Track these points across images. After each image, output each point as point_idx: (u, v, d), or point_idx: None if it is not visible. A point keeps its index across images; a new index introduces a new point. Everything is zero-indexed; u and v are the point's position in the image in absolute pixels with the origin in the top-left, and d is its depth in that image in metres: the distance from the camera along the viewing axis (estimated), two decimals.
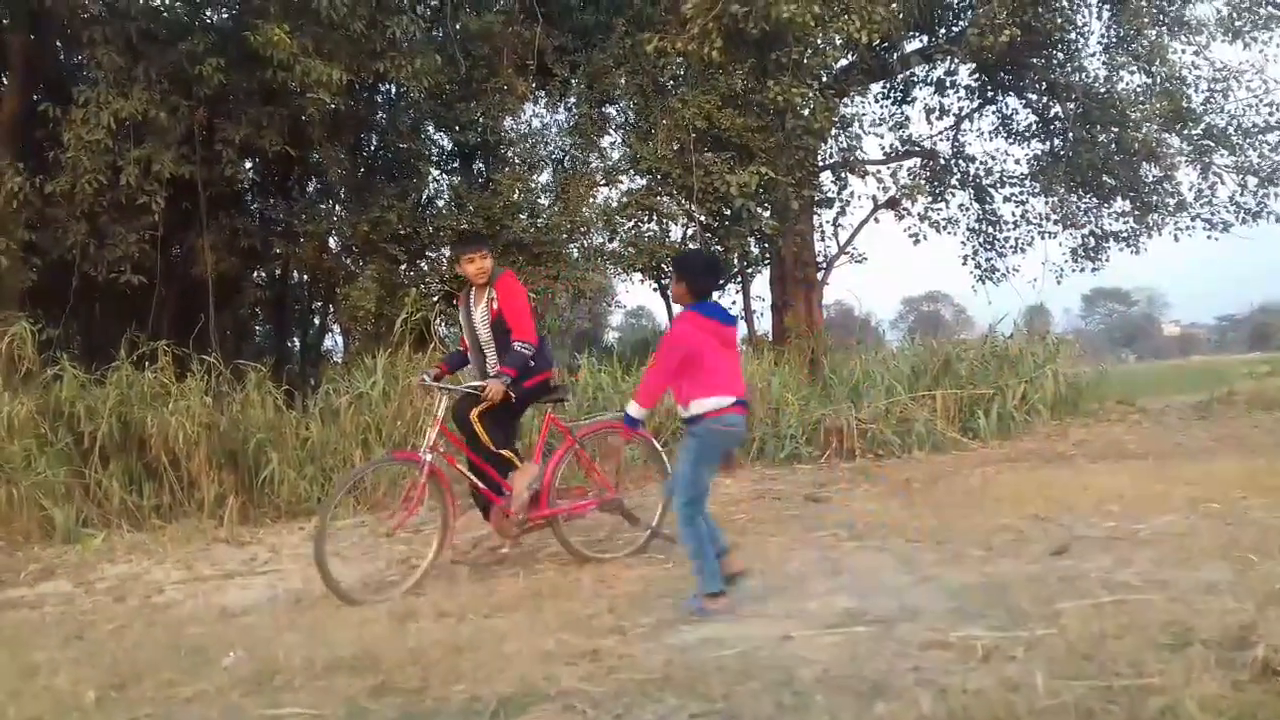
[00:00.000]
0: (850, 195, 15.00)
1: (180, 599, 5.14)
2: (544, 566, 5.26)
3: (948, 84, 15.55)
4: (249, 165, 11.78)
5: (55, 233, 9.78)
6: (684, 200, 12.22)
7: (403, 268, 12.01)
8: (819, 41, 11.19)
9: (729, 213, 11.98)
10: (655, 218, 12.97)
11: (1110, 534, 4.97)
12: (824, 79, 12.37)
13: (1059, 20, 12.79)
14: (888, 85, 15.79)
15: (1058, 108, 14.59)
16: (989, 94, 15.59)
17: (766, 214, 12.10)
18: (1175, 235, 14.71)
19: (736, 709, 2.85)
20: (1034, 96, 15.08)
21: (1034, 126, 15.46)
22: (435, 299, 12.26)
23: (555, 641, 3.63)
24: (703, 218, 12.35)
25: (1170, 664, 2.85)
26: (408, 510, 4.96)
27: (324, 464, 7.79)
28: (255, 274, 13.52)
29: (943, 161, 15.95)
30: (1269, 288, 76.70)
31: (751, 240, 12.99)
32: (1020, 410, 10.31)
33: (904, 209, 14.91)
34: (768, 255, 14.10)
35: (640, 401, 4.13)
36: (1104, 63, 14.05)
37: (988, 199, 16.06)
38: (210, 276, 10.62)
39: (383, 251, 11.21)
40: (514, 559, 5.47)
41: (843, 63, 13.20)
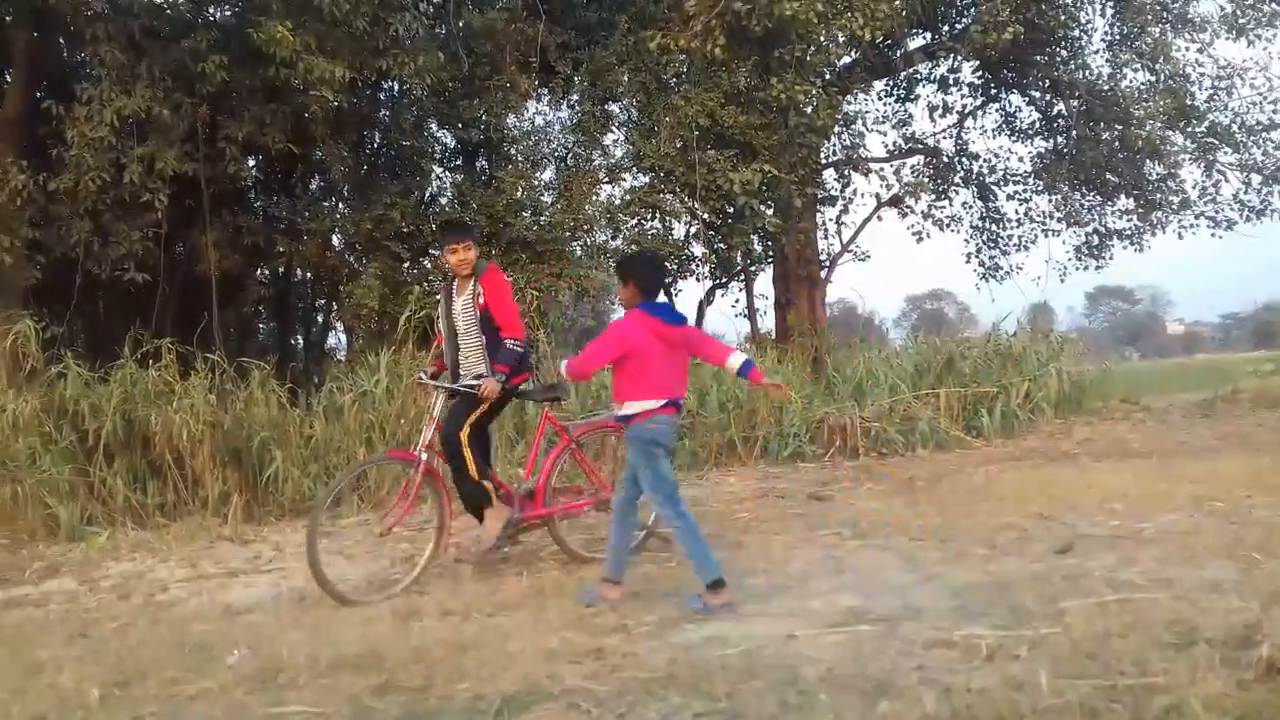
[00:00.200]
0: (853, 193, 14.98)
1: (184, 597, 5.14)
2: (547, 565, 5.27)
3: (951, 81, 15.55)
4: (252, 163, 11.76)
5: (59, 230, 9.78)
6: (687, 198, 12.22)
7: (406, 265, 11.99)
8: (822, 39, 11.17)
9: (732, 210, 11.98)
10: (658, 215, 12.97)
11: (1114, 532, 4.97)
12: (827, 76, 12.36)
13: (1062, 17, 12.74)
14: (891, 83, 15.77)
15: (1061, 105, 14.53)
16: (992, 91, 15.57)
17: (769, 212, 12.08)
18: (1179, 233, 14.71)
19: (740, 708, 2.85)
20: (1037, 94, 15.04)
21: (1037, 124, 15.44)
22: (438, 297, 12.21)
23: (559, 640, 3.63)
24: (706, 215, 12.35)
25: (1175, 663, 2.85)
26: (403, 509, 4.94)
27: (328, 462, 7.79)
28: (258, 272, 13.53)
29: (946, 159, 15.92)
30: (1273, 286, 76.76)
31: (754, 238, 12.97)
32: (1024, 409, 10.32)
33: (907, 207, 14.88)
34: (771, 253, 14.10)
35: (569, 368, 4.35)
36: (1107, 60, 14.05)
37: (991, 197, 16.04)
38: (214, 274, 10.63)
39: (386, 249, 11.21)
40: (517, 557, 5.46)
41: (846, 60, 13.20)
